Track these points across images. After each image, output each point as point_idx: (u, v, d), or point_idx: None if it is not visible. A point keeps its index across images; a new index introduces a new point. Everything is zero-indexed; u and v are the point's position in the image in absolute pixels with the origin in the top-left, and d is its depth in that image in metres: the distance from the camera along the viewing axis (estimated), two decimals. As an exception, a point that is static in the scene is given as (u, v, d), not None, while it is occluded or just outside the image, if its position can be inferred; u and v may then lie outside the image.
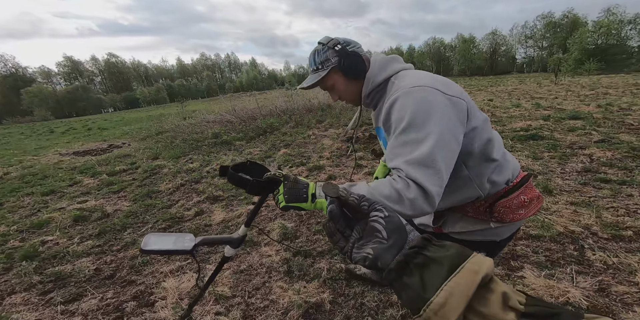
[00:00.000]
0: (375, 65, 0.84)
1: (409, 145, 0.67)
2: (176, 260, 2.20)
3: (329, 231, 0.39)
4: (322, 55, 0.83)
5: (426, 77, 0.76)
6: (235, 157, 4.77)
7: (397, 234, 0.35)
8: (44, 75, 78.43)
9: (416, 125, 0.67)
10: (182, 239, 0.61)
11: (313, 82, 0.85)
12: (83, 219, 3.07)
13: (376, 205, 0.37)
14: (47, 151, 8.16)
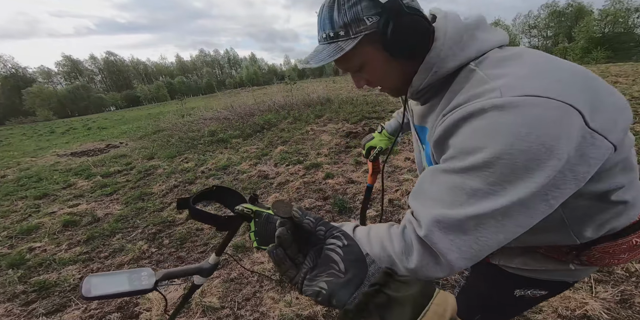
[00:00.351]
0: (447, 38, 0.47)
1: (463, 193, 0.40)
2: (163, 268, 2.09)
3: (277, 259, 0.34)
4: (350, 11, 0.47)
5: (553, 71, 0.41)
6: (232, 155, 4.64)
7: (356, 267, 0.32)
8: (44, 75, 78.57)
9: (499, 173, 0.38)
10: (138, 275, 0.52)
11: (327, 58, 0.50)
12: (73, 224, 2.98)
13: (334, 231, 0.34)
14: (45, 152, 8.11)
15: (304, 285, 0.32)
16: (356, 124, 5.55)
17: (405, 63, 0.51)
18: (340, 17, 0.48)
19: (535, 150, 0.36)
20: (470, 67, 0.47)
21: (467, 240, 0.40)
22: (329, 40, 0.51)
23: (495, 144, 0.37)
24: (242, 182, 3.44)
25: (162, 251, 2.31)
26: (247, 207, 0.53)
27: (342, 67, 0.56)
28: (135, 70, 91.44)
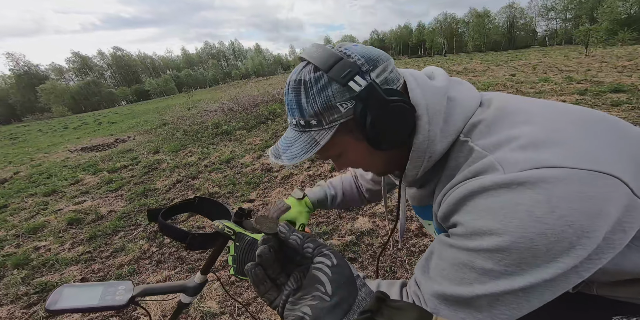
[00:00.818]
0: (430, 114, 0.41)
1: (473, 272, 0.34)
2: (164, 269, 2.01)
3: (255, 279, 0.31)
4: (320, 97, 0.39)
5: (558, 122, 0.37)
6: (235, 148, 4.50)
7: (344, 290, 0.29)
8: (56, 72, 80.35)
9: (515, 257, 0.32)
10: (115, 289, 0.49)
11: (302, 155, 0.42)
12: (77, 222, 2.95)
13: (323, 249, 0.30)
14: (57, 148, 8.25)
15: (286, 309, 0.30)
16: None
17: (390, 152, 0.45)
18: (309, 105, 0.40)
19: (559, 233, 0.30)
20: (460, 139, 0.42)
21: (484, 318, 0.34)
22: (300, 128, 0.43)
23: (506, 227, 0.32)
24: (246, 176, 3.30)
25: (162, 251, 2.22)
26: (228, 225, 0.46)
27: (321, 157, 0.48)
28: (142, 64, 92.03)
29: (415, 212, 0.62)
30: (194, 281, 0.61)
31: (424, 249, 1.72)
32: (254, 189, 2.92)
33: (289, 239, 0.31)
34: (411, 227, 1.92)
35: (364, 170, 0.53)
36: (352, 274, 0.30)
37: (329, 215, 2.24)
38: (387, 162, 0.48)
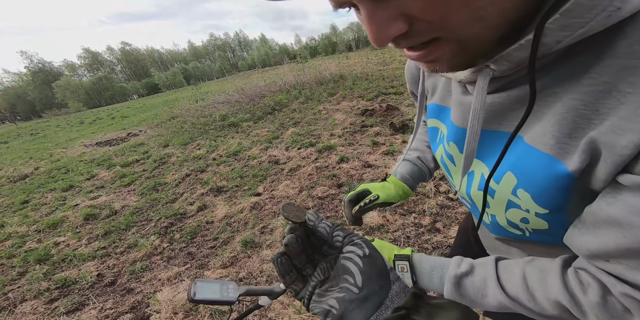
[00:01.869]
0: None
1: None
2: (174, 266, 2.03)
3: (281, 269, 0.31)
4: None
5: None
6: (242, 140, 4.47)
7: (376, 282, 0.26)
8: (69, 68, 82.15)
9: None
10: (227, 287, 0.58)
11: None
12: (93, 217, 3.03)
13: (354, 238, 0.28)
14: (74, 143, 8.51)
15: (312, 301, 0.28)
16: (372, 101, 5.08)
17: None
18: None
19: None
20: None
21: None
22: None
23: None
24: (253, 168, 3.27)
25: (173, 246, 2.25)
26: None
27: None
28: (151, 58, 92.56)
29: (460, 140, 0.40)
30: (280, 287, 0.64)
31: (438, 245, 1.64)
32: (261, 182, 2.89)
33: (317, 227, 0.30)
34: (423, 221, 1.83)
35: (448, 29, 0.23)
36: (386, 265, 0.28)
37: (337, 209, 2.19)
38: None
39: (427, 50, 0.25)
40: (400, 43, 0.25)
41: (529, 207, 0.31)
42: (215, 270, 1.89)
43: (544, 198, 0.29)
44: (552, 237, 0.33)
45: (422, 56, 0.26)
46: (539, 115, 0.28)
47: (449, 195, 2.02)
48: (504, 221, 0.37)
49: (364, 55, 18.72)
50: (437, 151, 0.48)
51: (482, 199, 0.35)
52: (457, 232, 0.84)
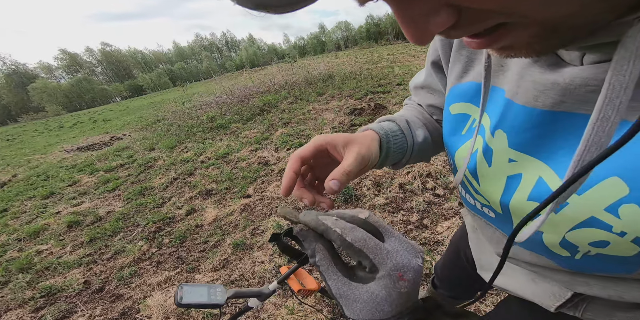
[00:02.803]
0: None
1: None
2: (164, 270, 2.00)
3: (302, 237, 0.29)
4: None
5: None
6: (231, 141, 4.42)
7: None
8: (45, 70, 78.72)
9: None
10: (214, 290, 0.59)
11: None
12: (77, 224, 2.94)
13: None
14: (53, 148, 8.17)
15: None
16: (361, 100, 5.14)
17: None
18: None
19: None
20: None
21: None
22: None
23: None
24: (242, 170, 3.25)
25: (162, 251, 2.21)
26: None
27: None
28: (133, 59, 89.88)
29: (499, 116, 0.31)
30: (269, 288, 0.66)
31: (426, 242, 1.69)
32: (251, 184, 2.88)
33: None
34: (411, 218, 1.88)
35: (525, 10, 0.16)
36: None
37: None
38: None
39: (493, 36, 0.19)
40: (451, 34, 0.19)
41: (628, 230, 0.23)
42: (206, 274, 1.87)
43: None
44: (619, 266, 0.26)
45: (486, 44, 0.20)
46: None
47: (435, 191, 2.08)
48: (557, 241, 0.28)
49: (352, 54, 18.89)
50: (463, 147, 0.37)
51: (528, 212, 0.25)
52: (448, 244, 0.77)
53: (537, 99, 0.27)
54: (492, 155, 0.32)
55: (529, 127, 0.28)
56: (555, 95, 0.25)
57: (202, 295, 0.57)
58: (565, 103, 0.25)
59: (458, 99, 0.38)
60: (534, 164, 0.28)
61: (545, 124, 0.27)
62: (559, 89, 0.25)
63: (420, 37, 0.18)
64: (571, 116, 0.25)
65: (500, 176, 0.32)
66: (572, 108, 0.25)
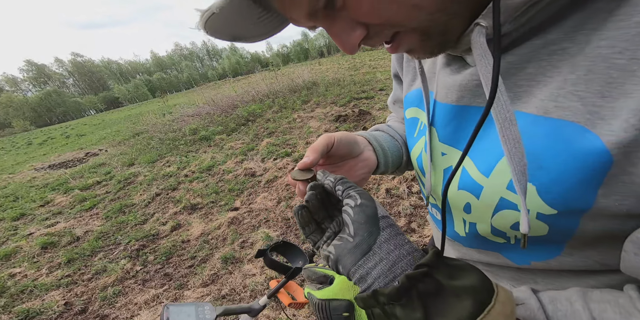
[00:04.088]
0: None
1: None
2: (151, 288, 1.93)
3: (301, 220, 0.31)
4: None
5: None
6: (216, 153, 4.37)
7: (364, 229, 0.26)
8: (10, 83, 74.27)
9: None
10: (202, 309, 0.57)
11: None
12: (52, 245, 2.77)
13: (350, 190, 0.28)
14: (22, 167, 7.68)
15: (322, 249, 0.30)
16: (345, 106, 5.27)
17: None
18: None
19: None
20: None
21: None
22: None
23: None
24: (228, 182, 3.22)
25: (147, 269, 2.14)
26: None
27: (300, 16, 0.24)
28: (108, 70, 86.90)
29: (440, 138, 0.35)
30: (259, 303, 0.66)
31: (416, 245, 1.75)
32: (238, 196, 2.86)
33: (323, 183, 0.31)
34: (399, 223, 1.95)
35: (398, 24, 0.24)
36: (376, 213, 0.27)
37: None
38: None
39: (396, 42, 0.26)
40: (369, 43, 0.26)
41: (530, 206, 0.25)
42: (195, 290, 1.83)
43: (556, 191, 0.23)
44: (544, 249, 0.27)
45: (394, 48, 0.27)
46: (541, 80, 0.24)
47: (420, 195, 2.17)
48: (488, 229, 0.30)
49: (335, 60, 19.31)
50: (415, 148, 0.41)
51: (463, 201, 0.31)
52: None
53: (448, 96, 0.33)
54: (432, 151, 0.36)
55: (448, 121, 0.33)
56: (457, 91, 0.31)
57: (190, 315, 0.54)
58: (465, 97, 0.31)
59: (409, 105, 0.43)
60: (458, 155, 0.32)
61: (457, 117, 0.32)
62: (457, 85, 0.31)
63: (347, 46, 0.26)
64: (472, 109, 0.31)
65: (439, 170, 0.36)
66: (470, 101, 0.31)
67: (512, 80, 0.26)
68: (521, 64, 0.25)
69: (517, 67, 0.25)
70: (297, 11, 0.24)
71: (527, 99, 0.25)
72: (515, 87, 0.26)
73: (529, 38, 0.24)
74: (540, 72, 0.24)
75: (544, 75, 0.23)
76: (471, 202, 0.30)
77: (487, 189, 0.28)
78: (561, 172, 0.22)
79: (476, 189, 0.29)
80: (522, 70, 0.25)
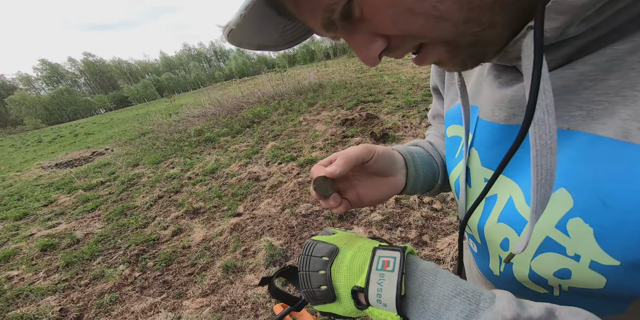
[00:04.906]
0: None
1: None
2: (149, 296, 1.86)
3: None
4: None
5: None
6: (220, 156, 4.32)
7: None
8: (24, 82, 76.23)
9: None
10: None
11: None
12: (52, 247, 2.73)
13: None
14: (30, 165, 7.76)
15: None
16: (352, 110, 5.18)
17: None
18: None
19: None
20: None
21: None
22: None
23: None
24: (232, 187, 3.15)
25: (146, 275, 2.07)
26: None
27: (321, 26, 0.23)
28: (118, 69, 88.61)
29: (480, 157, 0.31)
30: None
31: (426, 259, 1.64)
32: (241, 201, 2.78)
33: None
34: (410, 235, 1.84)
35: (426, 35, 0.21)
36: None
37: (322, 226, 2.14)
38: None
39: (421, 54, 0.24)
40: (390, 55, 0.25)
41: (581, 252, 0.21)
42: (194, 300, 1.75)
43: (622, 238, 0.19)
44: (599, 305, 0.23)
45: (420, 60, 0.25)
46: (629, 95, 0.19)
47: (432, 206, 2.06)
48: (525, 273, 0.26)
49: (341, 62, 19.28)
50: (455, 170, 0.36)
51: (501, 236, 0.27)
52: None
53: (494, 113, 0.28)
54: (470, 175, 0.32)
55: (494, 143, 0.29)
56: (506, 108, 0.27)
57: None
58: (518, 116, 0.26)
59: (451, 122, 0.39)
60: (505, 182, 0.28)
61: (506, 139, 0.27)
62: (507, 101, 0.26)
63: (367, 59, 0.24)
64: None
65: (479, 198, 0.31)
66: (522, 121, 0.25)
67: (584, 96, 0.21)
68: (599, 75, 0.20)
69: (594, 78, 0.20)
70: (314, 22, 0.23)
71: (607, 120, 0.20)
72: (591, 103, 0.21)
73: (611, 42, 0.19)
74: (628, 84, 0.19)
75: (634, 89, 0.19)
76: (510, 237, 0.27)
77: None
78: (631, 212, 0.18)
79: (518, 223, 0.26)
80: (602, 83, 0.20)
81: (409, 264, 0.27)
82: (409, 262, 0.27)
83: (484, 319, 0.20)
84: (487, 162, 0.30)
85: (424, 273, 0.25)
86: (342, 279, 0.27)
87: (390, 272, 0.25)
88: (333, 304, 0.28)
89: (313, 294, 0.29)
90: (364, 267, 0.27)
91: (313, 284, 0.28)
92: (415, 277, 0.25)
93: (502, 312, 0.20)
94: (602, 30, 0.19)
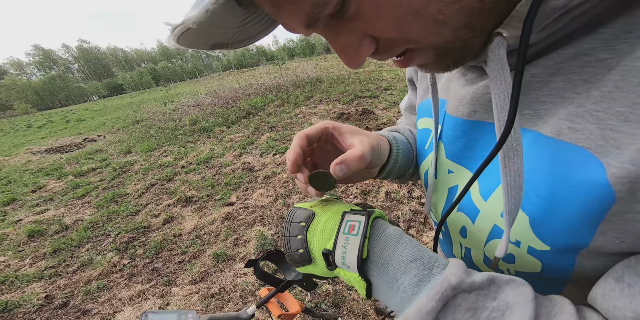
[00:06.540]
0: None
1: None
2: (137, 283, 1.85)
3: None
4: None
5: None
6: (214, 145, 4.27)
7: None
8: (15, 67, 74.03)
9: None
10: (185, 317, 0.52)
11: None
12: (39, 234, 2.69)
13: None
14: (19, 150, 7.59)
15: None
16: (348, 104, 5.16)
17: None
18: None
19: None
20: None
21: None
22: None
23: None
24: (225, 176, 3.13)
25: (135, 262, 2.05)
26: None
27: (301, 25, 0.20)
28: (113, 57, 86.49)
29: (447, 152, 0.32)
30: (247, 313, 0.63)
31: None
32: (234, 191, 2.77)
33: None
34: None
35: (415, 39, 0.21)
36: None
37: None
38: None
39: (406, 58, 0.24)
40: (376, 58, 0.24)
41: (520, 238, 0.23)
42: (184, 287, 1.75)
43: (551, 226, 0.21)
44: (540, 288, 0.24)
45: (404, 63, 0.24)
46: (568, 97, 0.20)
47: (421, 200, 2.08)
48: (480, 258, 0.29)
49: (339, 60, 19.03)
50: (426, 161, 0.37)
51: (460, 224, 0.29)
52: None
53: (459, 109, 0.29)
54: (437, 166, 0.34)
55: (457, 136, 0.30)
56: (469, 104, 0.28)
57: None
58: (478, 112, 0.27)
59: (422, 114, 0.40)
60: (465, 174, 0.30)
61: (467, 133, 0.29)
62: (469, 98, 0.28)
63: (352, 61, 0.23)
64: (484, 125, 0.27)
65: (444, 188, 0.33)
66: (483, 117, 0.27)
67: (533, 96, 0.22)
68: (546, 77, 0.21)
69: (541, 80, 0.22)
70: (294, 18, 0.20)
71: (548, 118, 0.21)
72: (537, 103, 0.22)
73: (557, 47, 0.21)
74: (569, 87, 0.20)
75: (573, 92, 0.20)
76: (467, 226, 0.29)
77: (483, 213, 0.27)
78: (558, 203, 0.20)
79: (473, 212, 0.28)
80: (547, 85, 0.21)
81: (375, 228, 0.28)
82: (376, 226, 0.28)
83: (433, 283, 0.22)
84: (451, 155, 0.32)
85: (388, 238, 0.26)
86: (315, 243, 0.29)
87: (355, 236, 0.26)
88: (310, 265, 0.30)
89: (293, 257, 0.30)
90: (334, 231, 0.28)
91: (292, 248, 0.30)
92: (379, 241, 0.27)
93: (449, 277, 0.22)
94: (556, 36, 0.20)
